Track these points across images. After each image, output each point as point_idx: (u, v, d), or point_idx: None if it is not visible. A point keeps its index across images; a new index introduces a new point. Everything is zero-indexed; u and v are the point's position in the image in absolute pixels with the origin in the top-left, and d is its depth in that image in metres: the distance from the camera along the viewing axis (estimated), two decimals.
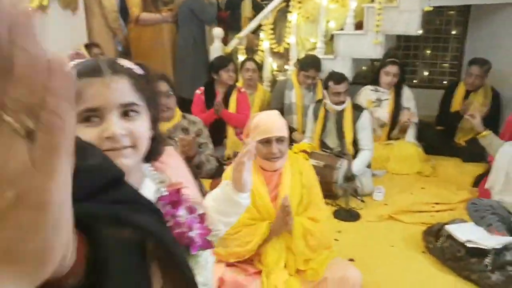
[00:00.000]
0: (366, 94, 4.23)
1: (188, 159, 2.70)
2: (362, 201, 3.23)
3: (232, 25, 5.15)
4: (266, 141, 2.09)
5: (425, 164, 4.00)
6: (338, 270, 2.07)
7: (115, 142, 0.90)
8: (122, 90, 0.93)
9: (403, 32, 4.12)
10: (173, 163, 1.14)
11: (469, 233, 2.54)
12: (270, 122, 2.10)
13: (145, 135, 0.97)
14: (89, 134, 0.89)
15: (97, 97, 0.90)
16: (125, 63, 0.99)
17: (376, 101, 4.18)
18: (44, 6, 3.97)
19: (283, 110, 4.22)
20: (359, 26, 4.25)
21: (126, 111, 0.93)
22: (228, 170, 2.08)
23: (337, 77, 3.55)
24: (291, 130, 4.19)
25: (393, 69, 4.01)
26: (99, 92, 0.91)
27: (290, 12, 4.43)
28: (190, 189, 1.11)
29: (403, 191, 3.59)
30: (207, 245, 1.05)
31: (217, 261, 2.17)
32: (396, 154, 4.01)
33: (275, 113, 2.18)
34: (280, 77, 4.55)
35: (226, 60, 3.84)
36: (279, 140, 2.09)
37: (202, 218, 1.07)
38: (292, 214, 2.03)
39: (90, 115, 0.90)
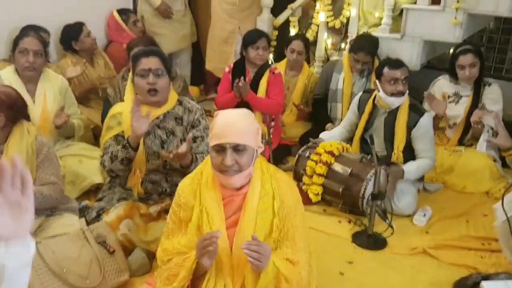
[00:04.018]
0: (443, 85, 3.41)
1: (182, 167, 2.29)
2: (391, 227, 2.56)
3: None
4: (220, 149, 1.59)
5: (498, 182, 3.13)
6: None
7: None
8: None
9: (491, 13, 3.21)
10: None
11: None
12: (227, 125, 1.60)
13: None
14: None
15: None
16: None
17: (453, 95, 3.35)
18: None
19: (327, 97, 3.60)
20: (436, 0, 3.41)
21: None
22: None
23: (393, 61, 2.86)
24: (329, 121, 3.57)
25: (467, 59, 3.14)
26: None
27: None
28: None
29: (456, 217, 2.82)
30: None
31: None
32: (462, 166, 3.19)
33: (240, 113, 1.66)
34: (334, 57, 3.88)
35: (256, 34, 3.27)
36: (237, 149, 1.58)
37: None
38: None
39: None
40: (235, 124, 1.58)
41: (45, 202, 2.14)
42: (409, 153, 2.92)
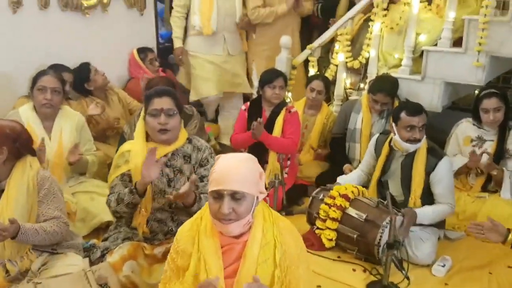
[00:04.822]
0: (466, 129, 3.29)
1: (186, 207, 2.25)
2: (407, 278, 2.42)
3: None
4: (218, 195, 1.54)
5: None
6: None
7: None
8: None
9: None
10: None
11: None
12: (226, 170, 1.54)
13: None
14: None
15: None
16: None
17: (476, 139, 3.23)
18: (105, 4, 3.82)
19: (346, 136, 3.54)
20: (458, 42, 3.34)
21: None
22: None
23: (411, 107, 2.77)
24: (347, 161, 3.48)
25: (491, 103, 3.03)
26: None
27: (372, 21, 3.69)
28: None
29: (478, 268, 2.66)
30: None
31: None
32: (485, 213, 3.02)
33: (240, 158, 1.61)
34: (353, 97, 3.83)
35: (273, 74, 3.27)
36: (235, 197, 1.52)
37: None
38: None
39: None
40: (234, 170, 1.53)
41: (49, 238, 2.07)
42: (428, 198, 2.81)
